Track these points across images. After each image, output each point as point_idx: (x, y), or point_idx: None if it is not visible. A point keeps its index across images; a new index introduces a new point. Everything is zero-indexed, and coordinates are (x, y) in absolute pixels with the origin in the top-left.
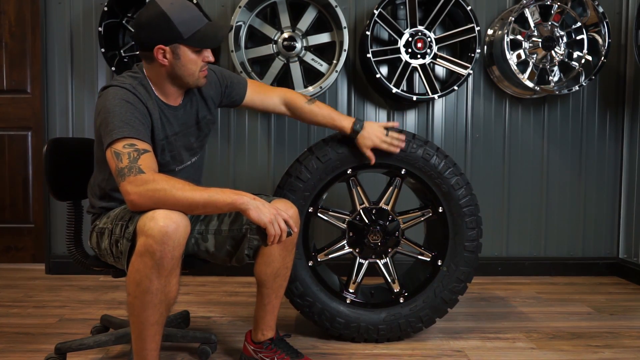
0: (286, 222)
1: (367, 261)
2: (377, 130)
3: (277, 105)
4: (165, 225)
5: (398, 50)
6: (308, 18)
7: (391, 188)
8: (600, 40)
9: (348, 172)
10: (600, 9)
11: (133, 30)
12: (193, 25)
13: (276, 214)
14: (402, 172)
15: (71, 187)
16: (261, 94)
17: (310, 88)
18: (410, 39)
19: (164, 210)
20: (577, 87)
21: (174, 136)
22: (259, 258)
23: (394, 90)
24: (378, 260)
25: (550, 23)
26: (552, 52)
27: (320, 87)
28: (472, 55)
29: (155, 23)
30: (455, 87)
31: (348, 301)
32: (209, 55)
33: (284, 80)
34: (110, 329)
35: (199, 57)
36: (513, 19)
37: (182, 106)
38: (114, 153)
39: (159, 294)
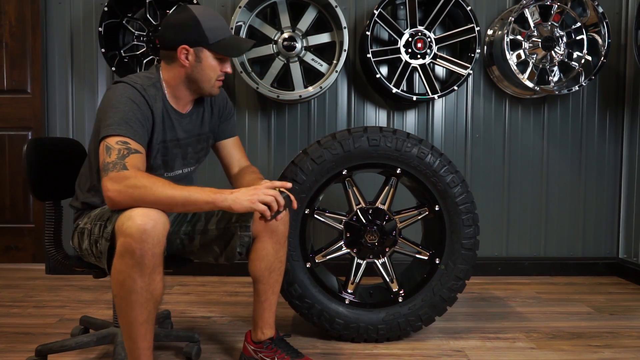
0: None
1: (365, 261)
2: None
3: (235, 166)
4: (144, 224)
5: (398, 51)
6: (308, 18)
7: (387, 188)
8: (600, 41)
9: (343, 172)
10: (600, 9)
11: (160, 29)
12: (219, 33)
13: (253, 193)
14: (398, 172)
15: (51, 187)
16: (238, 148)
17: (310, 88)
18: (410, 39)
19: (141, 208)
20: (577, 87)
21: (172, 142)
22: (252, 254)
23: (394, 90)
24: (376, 260)
25: (550, 23)
26: (552, 52)
27: (320, 87)
28: (472, 55)
29: (184, 24)
30: (455, 87)
31: (347, 302)
32: (228, 67)
33: (284, 80)
34: (90, 330)
35: (218, 66)
36: (513, 19)
37: (189, 115)
38: (105, 147)
39: (144, 292)
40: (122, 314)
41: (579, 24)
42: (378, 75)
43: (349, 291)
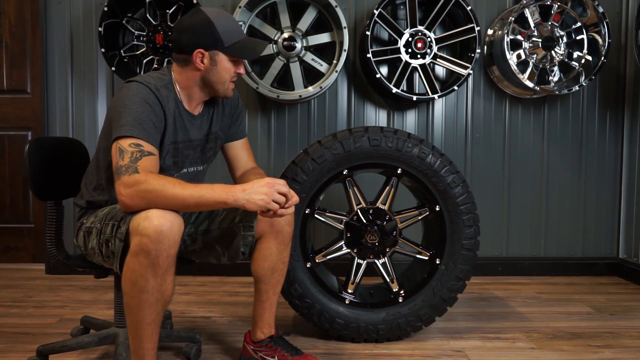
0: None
1: (365, 261)
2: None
3: (241, 168)
4: (160, 224)
5: (398, 50)
6: (308, 18)
7: (388, 188)
8: (600, 40)
9: (344, 172)
10: (600, 9)
11: (173, 33)
12: (234, 36)
13: (267, 191)
14: (399, 172)
15: (53, 187)
16: (246, 150)
17: (310, 88)
18: (410, 39)
19: (158, 209)
20: (577, 87)
21: (183, 143)
22: (255, 253)
23: (394, 90)
24: (376, 260)
25: (550, 23)
26: (552, 52)
27: (320, 87)
28: (472, 55)
29: (199, 28)
30: (455, 87)
31: (347, 302)
32: (242, 68)
33: (284, 80)
34: (90, 330)
35: (233, 68)
36: (513, 19)
37: (200, 116)
38: (118, 149)
39: (155, 292)
40: (131, 312)
41: (579, 24)
42: (378, 75)
43: (349, 291)
